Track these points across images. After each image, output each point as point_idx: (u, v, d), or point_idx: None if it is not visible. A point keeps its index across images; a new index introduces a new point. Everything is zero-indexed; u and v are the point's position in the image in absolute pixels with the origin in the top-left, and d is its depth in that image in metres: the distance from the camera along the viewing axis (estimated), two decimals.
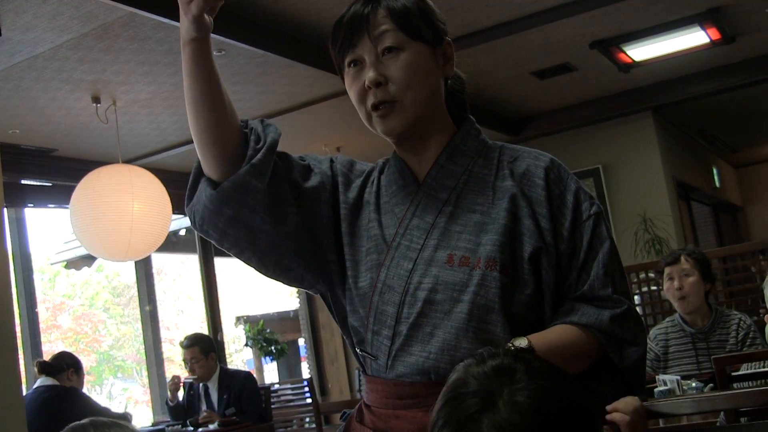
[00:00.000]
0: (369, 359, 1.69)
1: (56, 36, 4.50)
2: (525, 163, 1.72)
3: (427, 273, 1.63)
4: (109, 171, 5.58)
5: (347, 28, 1.69)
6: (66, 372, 5.54)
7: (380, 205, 1.76)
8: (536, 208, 1.65)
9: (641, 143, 8.23)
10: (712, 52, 6.81)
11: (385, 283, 1.65)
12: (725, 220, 12.19)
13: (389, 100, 1.66)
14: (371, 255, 1.70)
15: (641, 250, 7.65)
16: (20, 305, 6.59)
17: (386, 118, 1.68)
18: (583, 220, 1.66)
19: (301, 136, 7.11)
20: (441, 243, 1.65)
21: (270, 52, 5.03)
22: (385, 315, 1.64)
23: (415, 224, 1.68)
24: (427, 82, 1.69)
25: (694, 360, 4.08)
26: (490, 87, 7.00)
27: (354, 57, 1.69)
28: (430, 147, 1.74)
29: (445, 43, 1.75)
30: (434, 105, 1.72)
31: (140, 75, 5.27)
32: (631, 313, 1.64)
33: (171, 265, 15.86)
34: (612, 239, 1.67)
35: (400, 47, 1.66)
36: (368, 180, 1.82)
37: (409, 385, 1.62)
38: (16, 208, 6.75)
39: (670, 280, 4.16)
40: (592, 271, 1.63)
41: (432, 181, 1.71)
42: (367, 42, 1.66)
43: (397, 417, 1.64)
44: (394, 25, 1.66)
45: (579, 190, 1.69)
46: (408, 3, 1.69)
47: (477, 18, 5.29)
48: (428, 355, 1.59)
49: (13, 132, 5.96)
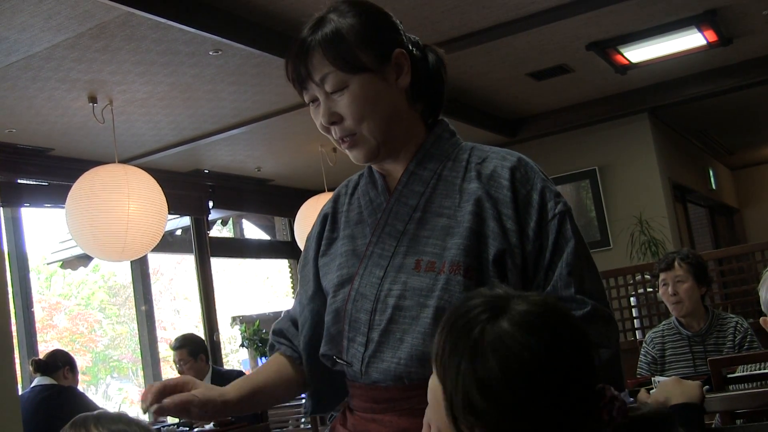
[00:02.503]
0: (346, 366, 1.71)
1: (53, 35, 4.49)
2: (492, 164, 1.72)
3: (396, 280, 1.65)
4: (105, 171, 5.57)
5: (294, 76, 1.73)
6: (62, 370, 5.55)
7: (351, 218, 1.81)
8: (501, 209, 1.65)
9: (638, 145, 8.24)
10: (709, 54, 6.81)
11: (358, 291, 1.69)
12: (721, 222, 12.20)
13: (349, 133, 1.69)
14: (342, 270, 1.74)
15: (637, 252, 7.65)
16: (16, 305, 6.58)
17: (353, 149, 1.73)
18: (548, 219, 1.65)
19: (298, 136, 7.10)
20: (410, 249, 1.67)
21: (267, 52, 5.02)
22: (358, 322, 1.68)
23: (387, 232, 1.71)
24: (379, 108, 1.69)
25: (691, 363, 4.09)
26: (487, 88, 7.00)
27: (309, 97, 1.74)
28: (400, 157, 1.77)
29: (395, 55, 1.71)
30: (395, 124, 1.73)
31: (137, 75, 5.26)
32: (597, 314, 1.60)
33: (167, 265, 15.85)
34: (579, 238, 1.66)
35: (344, 85, 1.67)
36: (338, 204, 1.88)
37: (384, 390, 1.65)
38: (12, 208, 6.74)
39: (664, 286, 4.18)
40: (555, 271, 1.62)
41: (402, 188, 1.74)
42: (313, 86, 1.70)
43: (374, 421, 1.67)
44: (332, 66, 1.66)
45: (545, 189, 1.68)
46: (344, 30, 1.67)
47: (473, 19, 5.29)
48: (399, 361, 1.61)
49: (9, 131, 5.95)
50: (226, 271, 12.08)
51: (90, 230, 5.42)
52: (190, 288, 8.29)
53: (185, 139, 6.78)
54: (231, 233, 10.05)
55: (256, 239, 10.04)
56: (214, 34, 4.68)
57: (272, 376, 1.84)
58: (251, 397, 1.79)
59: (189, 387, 1.68)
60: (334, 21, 1.68)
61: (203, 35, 4.70)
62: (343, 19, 1.68)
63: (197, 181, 8.06)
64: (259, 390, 1.81)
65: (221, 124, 6.54)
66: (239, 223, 10.14)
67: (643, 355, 4.31)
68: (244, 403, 1.77)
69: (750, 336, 4.03)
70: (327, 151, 7.51)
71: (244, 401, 1.77)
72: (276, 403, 1.90)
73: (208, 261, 8.24)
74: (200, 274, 8.17)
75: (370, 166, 1.82)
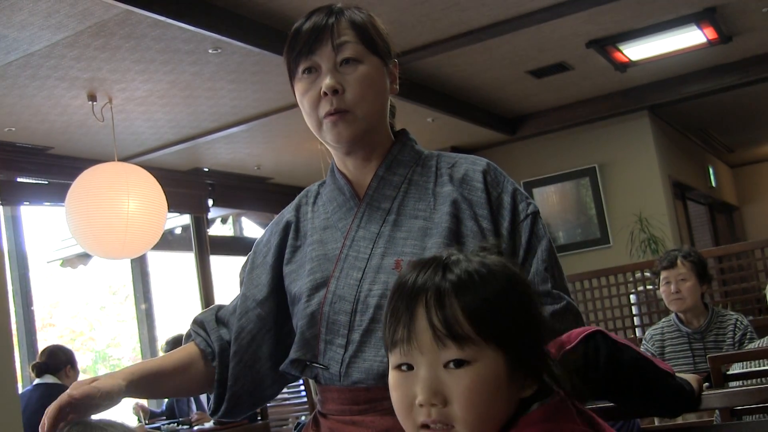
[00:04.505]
0: (321, 370, 1.71)
1: (52, 34, 4.49)
2: (463, 168, 1.77)
3: (376, 280, 1.67)
4: (105, 169, 5.57)
5: (309, 34, 1.73)
6: (64, 369, 5.56)
7: (317, 224, 1.83)
8: (477, 210, 1.71)
9: (637, 142, 8.24)
10: (709, 52, 6.81)
11: (335, 294, 1.69)
12: (721, 219, 12.20)
13: (343, 109, 1.70)
14: (315, 274, 1.74)
15: (637, 250, 7.65)
16: (16, 303, 6.59)
17: (336, 125, 1.72)
18: (520, 220, 1.71)
19: (297, 134, 7.10)
20: (387, 250, 1.70)
21: (266, 51, 5.02)
22: (337, 324, 1.68)
23: (360, 235, 1.74)
24: (378, 97, 1.75)
25: (691, 360, 4.08)
26: (486, 86, 7.00)
27: (310, 64, 1.73)
28: (371, 160, 1.80)
29: (392, 64, 1.81)
30: (381, 118, 1.79)
31: (136, 73, 5.26)
32: (571, 309, 1.67)
33: (166, 264, 15.83)
34: (549, 237, 1.73)
35: (359, 59, 1.71)
36: (300, 213, 1.90)
37: (365, 391, 1.65)
38: (11, 207, 6.74)
39: (666, 284, 4.17)
40: (531, 268, 1.68)
41: (373, 192, 1.78)
42: (327, 50, 1.70)
43: (354, 423, 1.66)
44: (355, 36, 1.71)
45: (515, 191, 1.74)
46: (366, 19, 1.75)
47: (473, 16, 5.29)
48: (382, 359, 1.62)
49: (8, 130, 5.95)
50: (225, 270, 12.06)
51: (90, 229, 5.42)
52: (190, 286, 8.27)
53: (185, 138, 6.78)
54: (231, 231, 10.04)
55: (256, 237, 10.04)
56: (214, 32, 4.68)
57: (181, 367, 1.82)
58: (154, 381, 1.76)
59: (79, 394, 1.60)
60: (354, 10, 1.76)
61: (203, 33, 4.70)
62: (361, 12, 1.76)
63: (197, 179, 8.06)
64: (165, 375, 1.79)
65: (221, 122, 6.54)
66: (239, 221, 10.14)
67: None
68: (144, 386, 1.74)
69: (750, 333, 4.03)
70: (325, 150, 7.49)
71: (144, 384, 1.73)
72: (178, 394, 1.87)
73: (207, 259, 8.23)
74: (200, 273, 8.17)
75: (334, 174, 1.86)
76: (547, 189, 8.56)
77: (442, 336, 1.20)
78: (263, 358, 1.82)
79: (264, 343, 1.82)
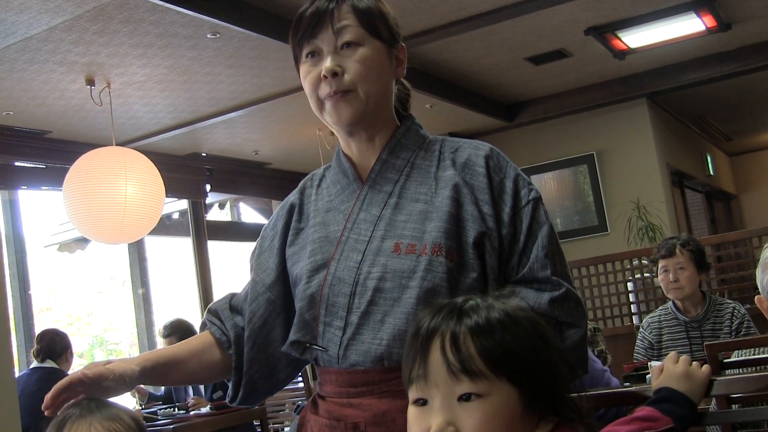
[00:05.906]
0: (320, 352, 1.72)
1: (50, 18, 4.48)
2: (466, 153, 1.78)
3: (375, 263, 1.68)
4: (103, 153, 5.57)
5: (311, 19, 1.76)
6: (64, 354, 5.58)
7: (320, 207, 1.84)
8: (478, 194, 1.71)
9: (635, 130, 8.24)
10: (708, 40, 6.81)
11: (335, 276, 1.71)
12: (719, 207, 12.22)
13: (343, 89, 1.72)
14: (316, 256, 1.76)
15: (634, 237, 7.66)
16: (13, 288, 6.59)
17: (338, 105, 1.74)
18: (522, 206, 1.72)
19: (296, 120, 7.09)
20: (387, 233, 1.71)
21: (265, 35, 5.01)
22: (336, 306, 1.69)
23: (362, 218, 1.75)
24: (380, 78, 1.76)
25: (688, 348, 4.09)
26: (484, 72, 6.99)
27: (312, 48, 1.76)
28: (375, 143, 1.82)
29: (399, 47, 1.83)
30: (384, 101, 1.80)
31: (134, 57, 5.25)
32: (570, 296, 1.68)
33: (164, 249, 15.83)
34: (550, 224, 1.73)
35: (360, 42, 1.74)
36: (304, 195, 1.92)
37: (362, 373, 1.66)
38: (9, 191, 6.74)
39: (665, 273, 4.17)
40: (531, 254, 1.69)
41: (376, 175, 1.79)
42: (328, 34, 1.73)
43: (351, 405, 1.68)
44: (356, 20, 1.74)
45: (518, 177, 1.75)
46: (370, 4, 1.77)
47: (472, 2, 5.28)
48: (380, 342, 1.63)
49: (6, 114, 5.94)
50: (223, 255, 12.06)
51: (87, 213, 5.42)
52: (188, 271, 8.27)
53: (183, 122, 6.77)
54: (228, 216, 10.04)
55: (254, 223, 10.02)
56: (212, 16, 4.67)
57: (196, 354, 1.85)
58: (168, 368, 1.80)
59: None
60: None
61: (201, 18, 4.69)
62: None
63: (195, 164, 8.05)
64: (180, 362, 1.83)
65: (219, 107, 6.53)
66: (236, 206, 10.12)
67: (640, 340, 4.31)
68: (158, 372, 1.78)
69: (747, 322, 4.04)
70: (325, 135, 7.49)
71: (158, 370, 1.78)
72: (192, 382, 1.91)
73: (205, 244, 8.23)
74: (197, 258, 8.17)
75: (339, 157, 1.86)
76: (545, 176, 8.56)
77: (456, 371, 1.26)
78: (276, 341, 1.83)
79: (276, 326, 1.83)
